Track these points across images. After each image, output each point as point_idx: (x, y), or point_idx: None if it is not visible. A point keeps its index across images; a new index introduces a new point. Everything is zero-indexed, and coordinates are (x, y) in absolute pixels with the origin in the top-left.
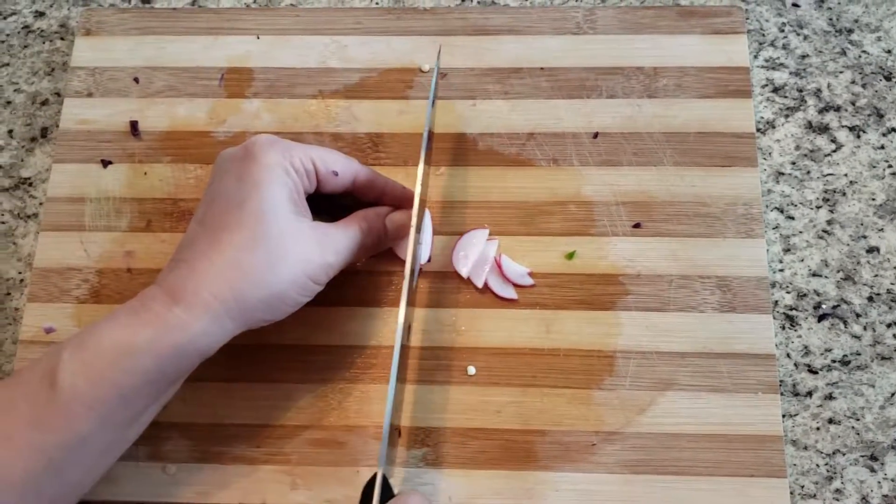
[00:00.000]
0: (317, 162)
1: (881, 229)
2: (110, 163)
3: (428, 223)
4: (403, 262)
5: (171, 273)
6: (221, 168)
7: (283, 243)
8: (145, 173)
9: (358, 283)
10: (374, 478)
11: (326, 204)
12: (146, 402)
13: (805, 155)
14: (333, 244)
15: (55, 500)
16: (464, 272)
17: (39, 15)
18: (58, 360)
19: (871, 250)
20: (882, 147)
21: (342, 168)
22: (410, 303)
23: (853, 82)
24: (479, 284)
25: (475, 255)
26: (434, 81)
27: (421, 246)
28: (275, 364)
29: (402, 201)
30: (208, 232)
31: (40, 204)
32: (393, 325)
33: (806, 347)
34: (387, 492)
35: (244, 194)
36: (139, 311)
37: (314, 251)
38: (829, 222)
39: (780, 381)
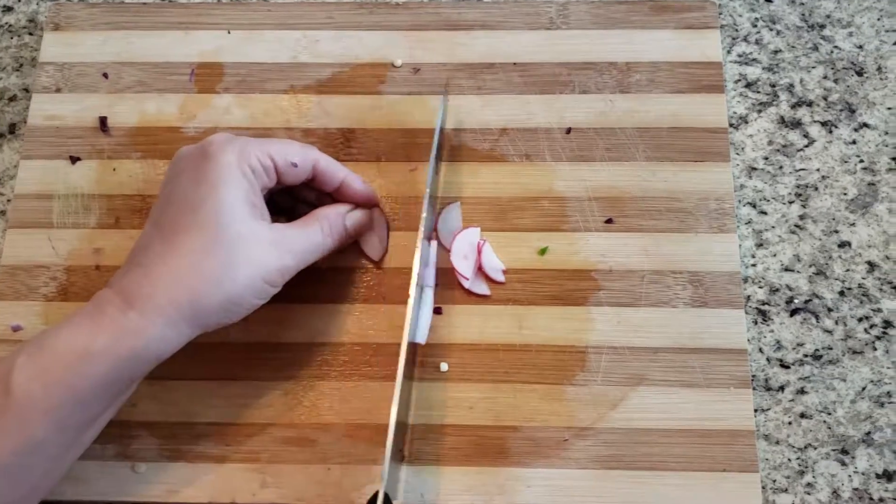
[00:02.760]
0: (275, 156)
1: (853, 224)
2: (79, 159)
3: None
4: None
5: (125, 276)
6: (177, 168)
7: (239, 247)
8: (114, 169)
9: (325, 280)
10: (375, 496)
11: (288, 201)
12: (103, 406)
13: (777, 150)
14: (291, 246)
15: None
16: (468, 274)
17: (7, 10)
18: (12, 366)
19: (843, 245)
20: (854, 142)
21: (300, 158)
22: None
23: (825, 77)
24: (469, 278)
25: (472, 252)
26: (436, 140)
27: (419, 322)
28: (243, 362)
29: (360, 195)
30: (164, 235)
31: (8, 201)
32: (364, 321)
33: (778, 342)
34: None
35: (200, 196)
36: (94, 316)
37: (271, 255)
38: (801, 217)
39: (752, 375)
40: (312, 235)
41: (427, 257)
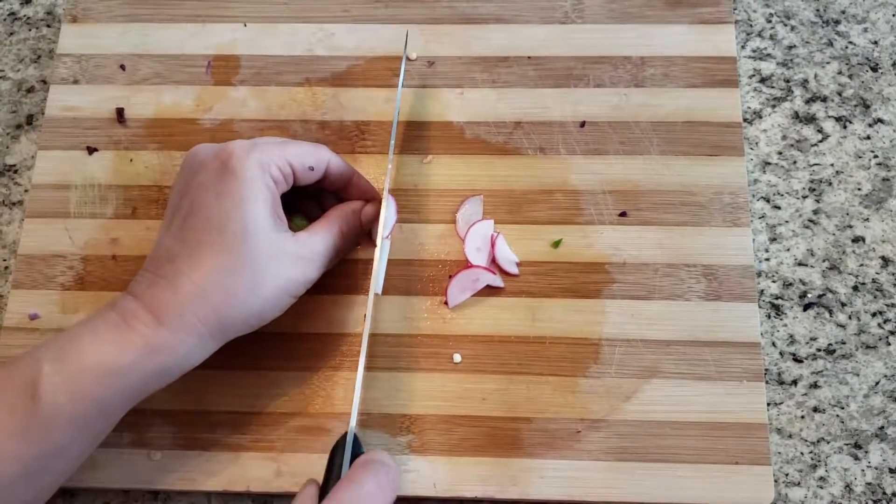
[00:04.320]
0: (293, 161)
1: (867, 219)
2: (96, 150)
3: (392, 207)
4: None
5: (150, 288)
6: (197, 178)
7: (266, 266)
8: (131, 160)
9: (343, 271)
10: (343, 437)
11: (292, 194)
12: (123, 413)
13: (791, 145)
14: (314, 259)
15: (27, 501)
16: (482, 263)
17: (26, 2)
18: (38, 373)
19: (857, 240)
20: (868, 137)
21: (316, 161)
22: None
23: (840, 73)
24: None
25: (485, 244)
26: (402, 69)
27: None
28: (260, 351)
29: (367, 192)
30: (188, 250)
31: (25, 191)
32: (378, 311)
33: (791, 336)
34: (356, 450)
35: (225, 213)
36: (123, 330)
37: (296, 269)
38: (815, 212)
39: (766, 369)
40: (333, 240)
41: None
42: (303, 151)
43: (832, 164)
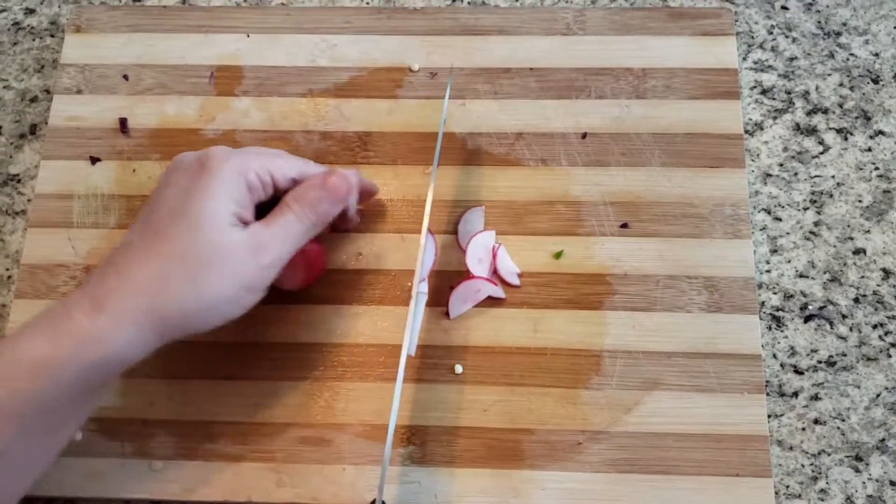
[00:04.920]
0: (275, 173)
1: (868, 231)
2: (99, 160)
3: (431, 247)
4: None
5: (98, 277)
6: (173, 177)
7: (209, 257)
8: (134, 170)
9: (345, 282)
10: None
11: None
12: (70, 411)
13: (793, 157)
14: (265, 246)
15: None
16: (483, 274)
17: (30, 12)
18: None
19: (858, 252)
20: (869, 149)
21: (299, 173)
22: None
23: (841, 85)
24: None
25: (487, 256)
26: (438, 144)
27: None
28: (261, 362)
29: (366, 191)
30: (146, 241)
31: (28, 201)
32: (379, 322)
33: (792, 348)
34: None
35: (188, 206)
36: (60, 321)
37: (244, 261)
38: (816, 224)
39: (766, 381)
40: (288, 225)
41: (426, 260)
42: (284, 161)
43: (833, 176)
